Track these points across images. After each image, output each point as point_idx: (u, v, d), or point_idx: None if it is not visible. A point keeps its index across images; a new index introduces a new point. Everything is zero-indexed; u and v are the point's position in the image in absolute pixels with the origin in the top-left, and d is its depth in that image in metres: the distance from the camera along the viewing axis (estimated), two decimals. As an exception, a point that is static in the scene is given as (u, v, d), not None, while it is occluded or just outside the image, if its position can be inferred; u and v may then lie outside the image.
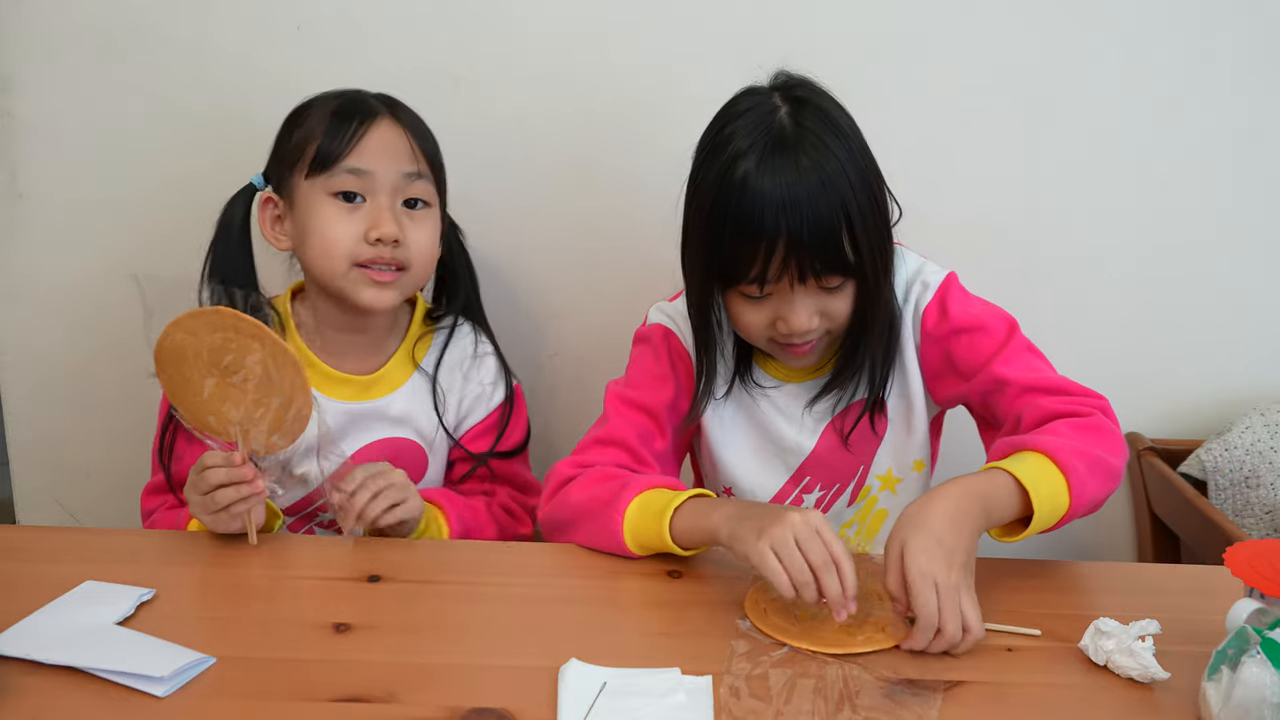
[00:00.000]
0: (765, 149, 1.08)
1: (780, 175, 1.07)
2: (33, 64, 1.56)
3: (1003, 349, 1.17)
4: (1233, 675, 0.82)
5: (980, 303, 1.22)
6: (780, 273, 1.09)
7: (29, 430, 1.72)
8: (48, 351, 1.68)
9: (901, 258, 1.22)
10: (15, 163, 1.60)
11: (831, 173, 1.07)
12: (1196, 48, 1.50)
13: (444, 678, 0.91)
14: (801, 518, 0.97)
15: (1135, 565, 1.56)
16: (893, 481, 1.28)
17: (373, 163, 1.23)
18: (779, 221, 1.06)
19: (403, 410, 1.34)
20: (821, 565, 0.95)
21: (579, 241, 1.60)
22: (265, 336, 1.06)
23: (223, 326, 1.06)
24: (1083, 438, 1.07)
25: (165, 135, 1.58)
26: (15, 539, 1.21)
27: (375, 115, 1.25)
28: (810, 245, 1.07)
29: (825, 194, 1.07)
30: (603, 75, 1.53)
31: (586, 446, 1.23)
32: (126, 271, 1.63)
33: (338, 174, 1.23)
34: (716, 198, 1.10)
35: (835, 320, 1.15)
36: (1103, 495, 1.07)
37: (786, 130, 1.09)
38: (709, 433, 1.28)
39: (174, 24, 1.54)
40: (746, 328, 1.17)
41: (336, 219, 1.23)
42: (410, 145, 1.26)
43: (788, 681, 0.91)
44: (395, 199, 1.25)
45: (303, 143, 1.25)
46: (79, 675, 0.90)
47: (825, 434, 1.26)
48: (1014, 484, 1.01)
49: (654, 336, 1.27)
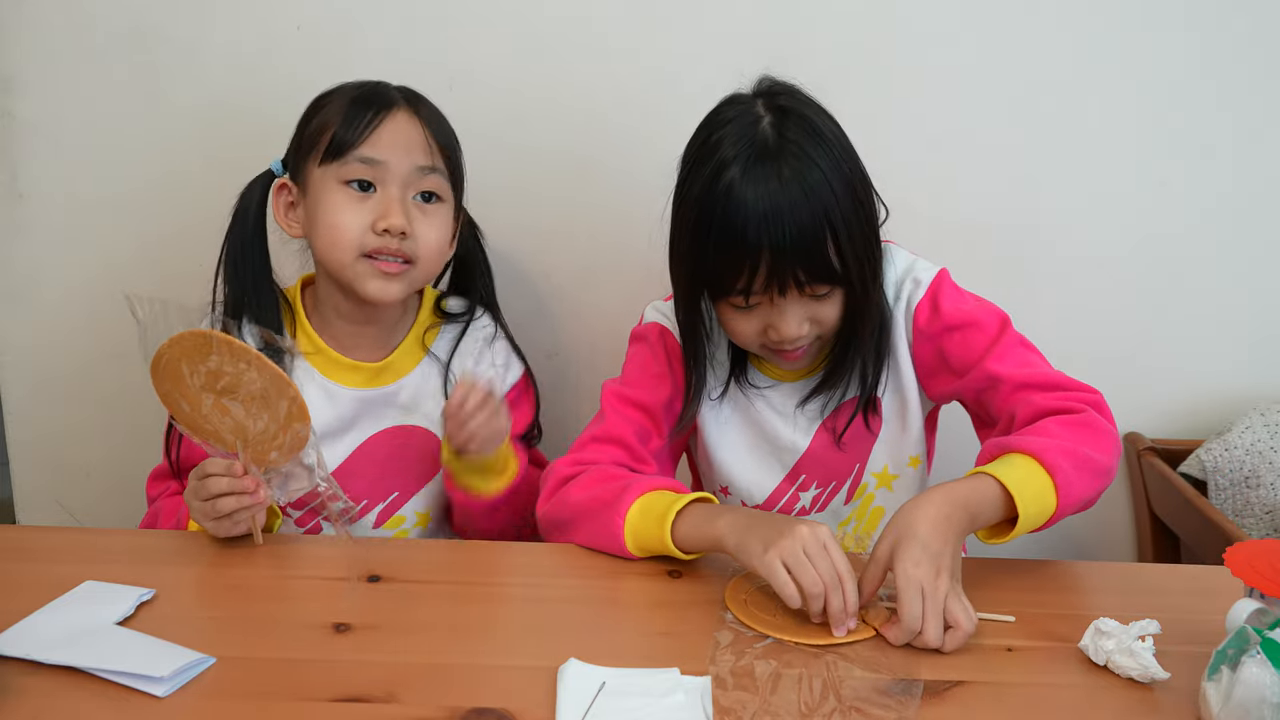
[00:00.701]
0: (748, 160, 1.08)
1: (762, 185, 1.06)
2: (33, 64, 1.56)
3: (995, 345, 1.17)
4: (1233, 675, 0.82)
5: (972, 298, 1.22)
6: (766, 285, 1.09)
7: (29, 430, 1.72)
8: (48, 351, 1.68)
9: (892, 256, 1.23)
10: (15, 163, 1.60)
11: (814, 182, 1.07)
12: (1196, 47, 1.50)
13: (444, 678, 0.91)
14: (810, 531, 0.98)
15: (1135, 565, 1.56)
16: (889, 479, 1.28)
17: (386, 153, 1.22)
18: (761, 234, 1.06)
19: (411, 397, 1.34)
20: (830, 581, 0.96)
21: (577, 241, 1.60)
22: (259, 362, 1.06)
23: (216, 350, 1.05)
24: (1072, 435, 1.07)
25: (165, 135, 1.58)
26: (15, 539, 1.21)
27: (393, 106, 1.25)
28: (794, 256, 1.07)
29: (808, 204, 1.06)
30: (602, 75, 1.53)
31: (584, 444, 1.23)
32: (126, 271, 1.64)
33: (350, 162, 1.22)
34: (701, 210, 1.10)
35: (826, 325, 1.15)
36: (1092, 493, 1.07)
37: (769, 141, 1.09)
38: (705, 432, 1.29)
39: (174, 24, 1.54)
40: (737, 335, 1.18)
41: (346, 207, 1.23)
42: (426, 138, 1.25)
43: (773, 673, 0.91)
44: (407, 191, 1.24)
45: (319, 130, 1.25)
46: (79, 675, 0.90)
47: (819, 433, 1.26)
48: (1000, 489, 1.02)
49: (650, 335, 1.28)
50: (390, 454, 1.32)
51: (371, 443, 1.31)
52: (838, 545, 0.98)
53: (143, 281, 1.64)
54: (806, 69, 1.19)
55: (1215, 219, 1.56)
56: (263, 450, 1.10)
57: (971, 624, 0.95)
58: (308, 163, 1.26)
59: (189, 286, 1.38)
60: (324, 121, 1.25)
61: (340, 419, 1.30)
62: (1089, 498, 1.07)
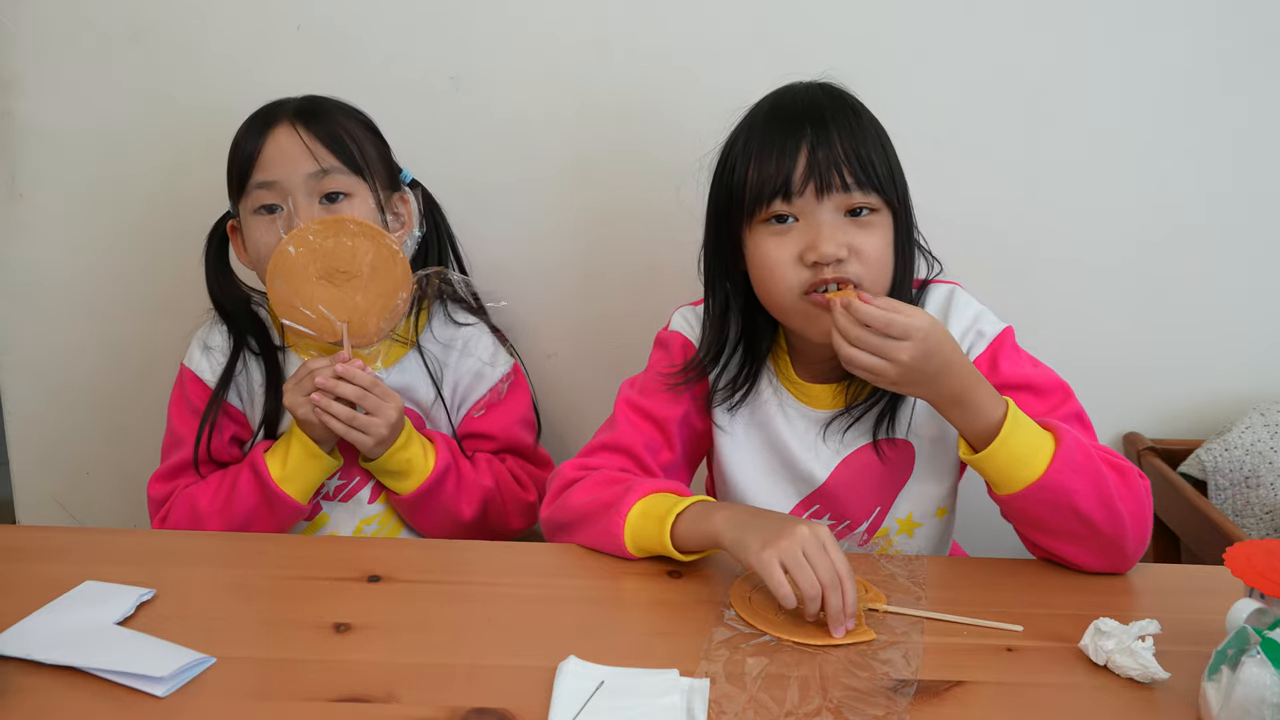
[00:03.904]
0: (797, 89, 1.15)
1: (807, 97, 1.13)
2: (33, 64, 1.57)
3: (1052, 412, 1.12)
4: (1233, 675, 0.82)
5: (1031, 361, 1.18)
6: (805, 179, 1.09)
7: (29, 430, 1.72)
8: (48, 351, 1.68)
9: (958, 302, 1.20)
10: (15, 163, 1.60)
11: (856, 107, 1.14)
12: (1196, 47, 1.50)
13: (444, 678, 0.91)
14: (810, 531, 0.97)
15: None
16: (913, 525, 1.24)
17: (276, 172, 1.27)
18: (804, 125, 1.09)
19: (399, 382, 1.36)
20: (829, 583, 0.95)
21: (577, 242, 1.60)
22: (376, 235, 1.25)
23: (336, 233, 1.23)
24: (1108, 460, 1.06)
25: (165, 136, 1.58)
26: (15, 539, 1.21)
27: (271, 125, 1.28)
28: (836, 149, 1.09)
29: (852, 112, 1.12)
30: (602, 75, 1.53)
31: (593, 450, 1.23)
32: (126, 271, 1.64)
33: (252, 191, 1.28)
34: (744, 131, 1.14)
35: (864, 261, 1.10)
36: (1090, 504, 1.03)
37: (815, 88, 1.15)
38: (721, 449, 1.26)
39: (174, 24, 1.54)
40: (774, 268, 1.12)
41: (263, 231, 1.29)
42: (306, 145, 1.27)
43: (763, 670, 0.92)
44: (312, 199, 1.28)
45: (229, 167, 1.31)
46: (79, 675, 0.90)
47: (840, 468, 1.22)
48: (1002, 410, 1.04)
49: (673, 345, 1.25)
50: None
51: None
52: (837, 545, 0.98)
53: (142, 281, 1.65)
54: (806, 69, 1.19)
55: (1215, 220, 1.56)
56: (366, 323, 1.26)
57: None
58: (235, 201, 1.33)
59: (189, 287, 1.39)
60: (230, 159, 1.31)
61: None
62: (1087, 503, 1.03)
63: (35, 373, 1.69)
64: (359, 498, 1.36)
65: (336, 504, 1.35)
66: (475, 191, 1.54)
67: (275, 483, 1.26)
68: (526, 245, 1.60)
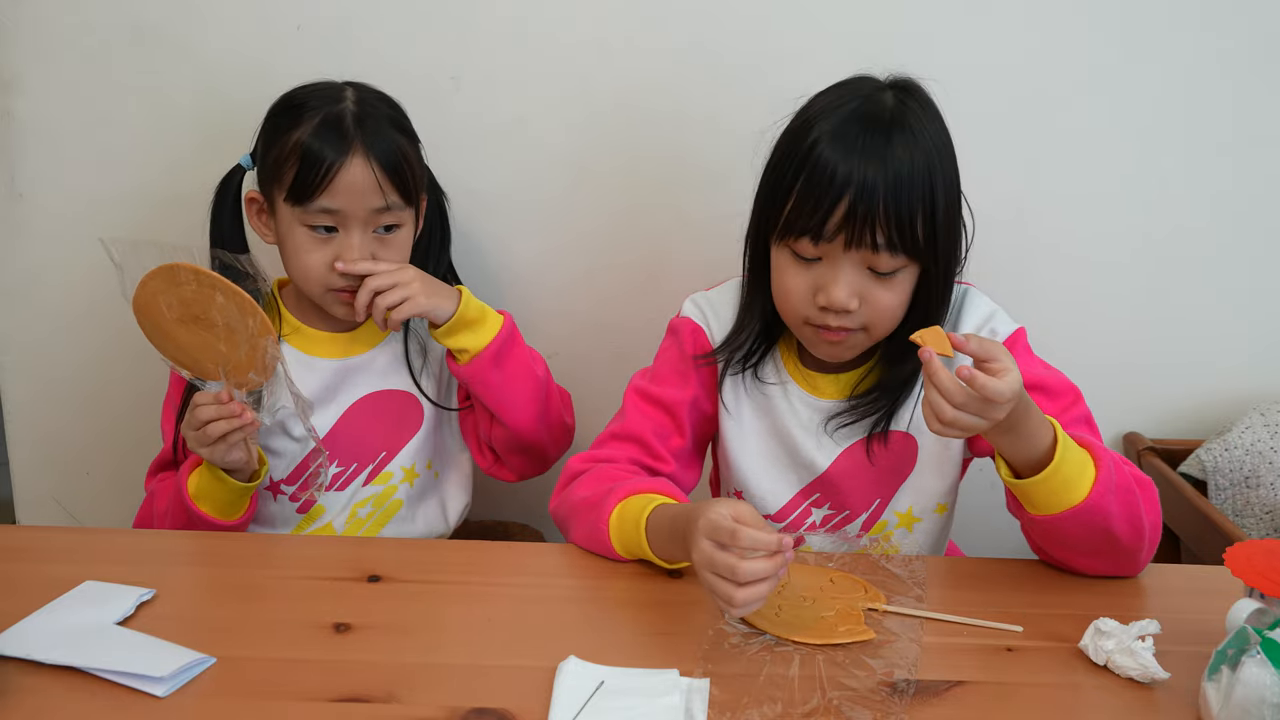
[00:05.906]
0: (862, 110, 1.09)
1: (870, 139, 1.06)
2: (33, 64, 1.56)
3: (1061, 414, 1.11)
4: (1233, 675, 0.83)
5: (1041, 364, 1.18)
6: (838, 229, 1.06)
7: (29, 430, 1.72)
8: (48, 351, 1.68)
9: (972, 300, 1.20)
10: (15, 163, 1.60)
11: (925, 147, 1.08)
12: (1196, 47, 1.50)
13: (444, 678, 0.91)
14: (710, 527, 0.93)
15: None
16: (912, 520, 1.24)
17: (343, 202, 1.26)
18: (856, 164, 1.05)
19: (388, 361, 1.38)
20: (763, 570, 0.91)
21: (578, 241, 1.60)
22: (223, 285, 1.14)
23: (185, 281, 1.14)
24: (1133, 474, 1.05)
25: (164, 135, 1.58)
26: (15, 539, 1.21)
27: (347, 153, 1.26)
28: (879, 208, 1.05)
29: (912, 166, 1.06)
30: (603, 75, 1.53)
31: (603, 441, 1.23)
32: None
33: (311, 211, 1.27)
34: (803, 138, 1.09)
35: (875, 313, 1.11)
36: (1122, 525, 1.02)
37: (888, 103, 1.10)
38: (725, 434, 1.26)
39: (174, 24, 1.54)
40: (787, 292, 1.13)
41: (311, 248, 1.29)
42: (378, 182, 1.27)
43: (762, 670, 0.92)
44: (367, 229, 1.29)
45: (280, 163, 1.27)
46: (79, 675, 0.90)
47: (842, 458, 1.22)
48: (1051, 438, 1.00)
49: (683, 331, 1.25)
50: (374, 417, 1.37)
51: (355, 408, 1.36)
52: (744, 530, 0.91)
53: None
54: (806, 69, 1.19)
55: (1215, 219, 1.56)
56: (242, 372, 1.18)
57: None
58: (274, 190, 1.30)
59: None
60: (285, 155, 1.27)
61: (324, 388, 1.35)
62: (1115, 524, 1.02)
63: (35, 373, 1.69)
64: (355, 483, 1.36)
65: (333, 494, 1.36)
66: (476, 191, 1.54)
67: (191, 498, 1.24)
68: (527, 245, 1.60)
